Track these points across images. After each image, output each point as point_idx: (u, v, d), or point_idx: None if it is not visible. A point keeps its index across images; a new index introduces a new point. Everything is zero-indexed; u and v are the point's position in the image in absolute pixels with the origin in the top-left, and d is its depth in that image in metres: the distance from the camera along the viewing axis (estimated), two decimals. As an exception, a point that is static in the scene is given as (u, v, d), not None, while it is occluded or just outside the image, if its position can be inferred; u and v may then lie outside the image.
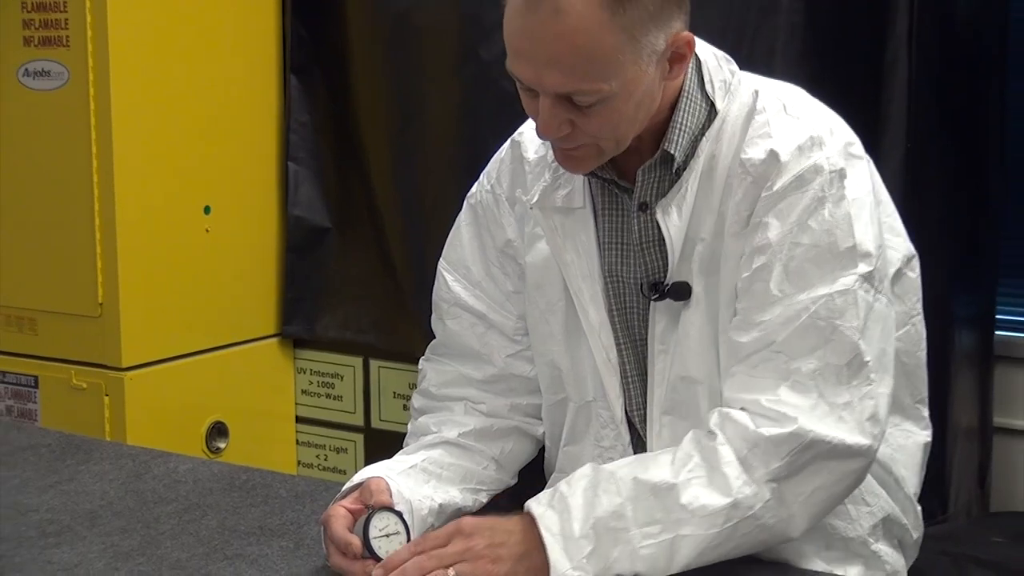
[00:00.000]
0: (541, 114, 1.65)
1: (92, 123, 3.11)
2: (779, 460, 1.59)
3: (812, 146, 1.68)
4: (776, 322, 1.64)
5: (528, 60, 1.62)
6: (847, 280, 1.64)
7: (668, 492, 1.59)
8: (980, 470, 3.24)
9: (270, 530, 1.86)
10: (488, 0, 3.14)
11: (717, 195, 1.71)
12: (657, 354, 1.77)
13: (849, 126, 1.79)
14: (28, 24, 3.15)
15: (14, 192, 3.24)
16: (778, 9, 2.87)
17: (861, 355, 1.63)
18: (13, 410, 3.30)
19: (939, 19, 2.97)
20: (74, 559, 1.77)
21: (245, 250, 3.47)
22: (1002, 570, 2.67)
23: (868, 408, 1.63)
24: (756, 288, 1.67)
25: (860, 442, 1.62)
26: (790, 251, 1.65)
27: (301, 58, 3.48)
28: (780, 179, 1.67)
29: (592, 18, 1.58)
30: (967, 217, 3.15)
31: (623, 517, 1.58)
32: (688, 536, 1.58)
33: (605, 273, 1.81)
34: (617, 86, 1.63)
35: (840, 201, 1.66)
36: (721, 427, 1.63)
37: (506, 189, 1.91)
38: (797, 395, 1.61)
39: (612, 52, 1.60)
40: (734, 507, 1.58)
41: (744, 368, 1.66)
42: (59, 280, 3.21)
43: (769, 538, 1.62)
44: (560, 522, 1.58)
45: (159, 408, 3.25)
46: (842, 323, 1.63)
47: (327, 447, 3.61)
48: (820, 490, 1.62)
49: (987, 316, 3.24)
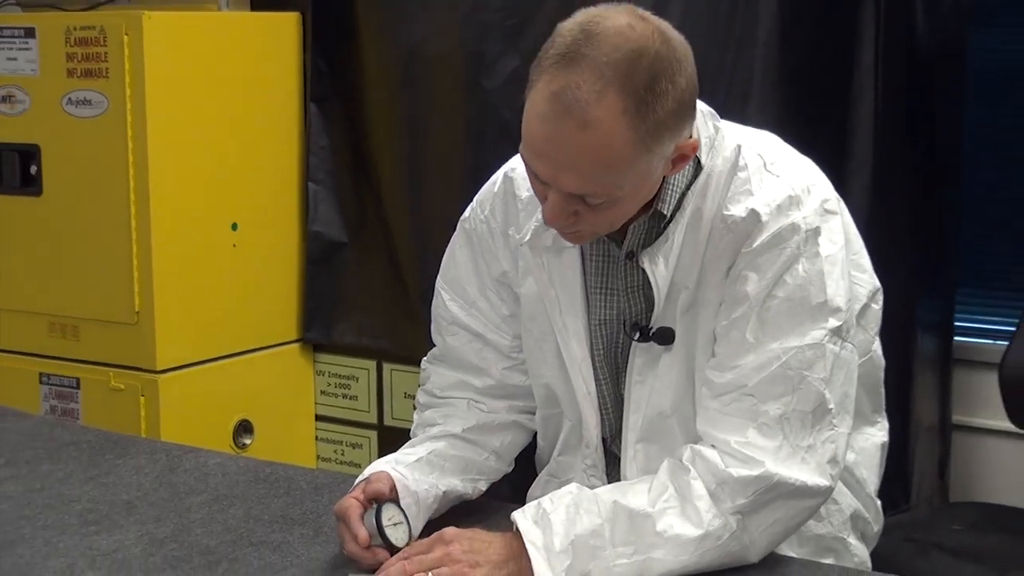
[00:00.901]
0: (551, 206, 1.61)
1: (129, 147, 3.11)
2: (745, 497, 1.60)
3: (790, 205, 1.67)
4: (749, 367, 1.64)
5: (549, 163, 1.57)
6: (817, 334, 1.64)
7: (644, 519, 1.60)
8: (940, 464, 3.24)
9: (292, 519, 1.86)
10: (489, 36, 3.18)
11: (701, 247, 1.69)
12: (634, 386, 1.77)
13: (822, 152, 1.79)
14: (71, 57, 3.16)
15: (58, 210, 3.24)
16: (755, 43, 2.87)
17: (826, 403, 1.64)
18: (57, 410, 3.30)
19: (901, 52, 2.98)
20: (112, 545, 1.77)
21: (269, 263, 3.47)
22: (961, 555, 2.67)
23: (829, 451, 1.64)
24: (733, 335, 1.67)
25: (819, 483, 1.63)
26: (766, 303, 1.65)
27: (320, 89, 3.48)
28: (759, 237, 1.65)
29: (617, 134, 1.53)
30: (928, 232, 3.15)
31: (600, 536, 1.59)
32: (659, 560, 1.59)
33: (589, 312, 1.79)
34: (628, 190, 1.60)
35: (814, 258, 1.65)
36: (693, 463, 1.63)
37: (500, 223, 1.87)
38: (764, 438, 1.62)
39: (630, 163, 1.56)
40: (704, 538, 1.60)
41: (718, 405, 1.66)
42: (99, 290, 3.21)
43: (730, 561, 1.63)
44: (543, 536, 1.58)
45: (190, 407, 3.25)
46: (810, 374, 1.63)
47: (344, 443, 3.61)
48: (779, 522, 1.63)
49: (947, 323, 3.24)
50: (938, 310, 3.21)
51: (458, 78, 3.26)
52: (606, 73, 1.51)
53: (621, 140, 1.53)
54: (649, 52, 1.54)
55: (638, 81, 1.52)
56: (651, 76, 1.53)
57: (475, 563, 1.57)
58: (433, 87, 3.30)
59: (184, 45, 3.19)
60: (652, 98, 1.53)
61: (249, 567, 1.69)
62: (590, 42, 1.53)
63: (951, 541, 2.74)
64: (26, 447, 2.22)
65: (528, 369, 1.89)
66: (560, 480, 1.88)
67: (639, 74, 1.52)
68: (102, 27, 3.12)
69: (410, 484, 1.74)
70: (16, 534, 1.82)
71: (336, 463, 3.61)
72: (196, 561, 1.71)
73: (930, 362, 3.19)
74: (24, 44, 3.23)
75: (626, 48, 1.53)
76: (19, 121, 3.26)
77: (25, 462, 2.14)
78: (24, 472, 2.09)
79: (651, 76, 1.53)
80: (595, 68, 1.52)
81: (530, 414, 1.94)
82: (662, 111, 1.54)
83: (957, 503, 3.20)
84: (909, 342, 3.09)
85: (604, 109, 1.52)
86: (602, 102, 1.51)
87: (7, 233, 3.33)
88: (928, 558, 2.62)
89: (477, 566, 1.57)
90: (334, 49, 3.45)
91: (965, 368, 3.27)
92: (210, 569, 1.69)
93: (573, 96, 1.52)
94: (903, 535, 2.70)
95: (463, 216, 1.93)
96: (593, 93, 1.51)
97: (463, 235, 1.92)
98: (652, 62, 1.53)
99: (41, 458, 2.16)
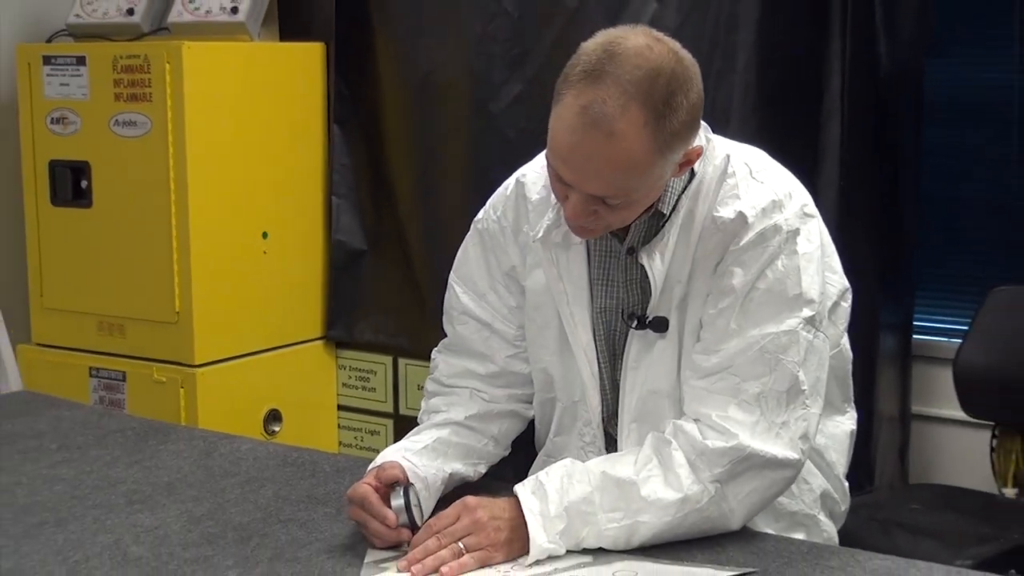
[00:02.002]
0: (574, 206, 1.62)
1: (170, 164, 3.11)
2: (721, 467, 1.61)
3: (773, 208, 1.68)
4: (733, 350, 1.65)
5: (575, 170, 1.58)
6: (792, 322, 1.65)
7: (631, 486, 1.61)
8: (901, 450, 3.24)
9: (316, 499, 1.86)
10: (495, 65, 3.19)
11: (693, 244, 1.70)
12: (629, 370, 1.77)
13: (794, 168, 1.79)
14: (118, 83, 3.16)
15: (107, 221, 3.24)
16: (734, 71, 2.87)
17: (799, 384, 1.64)
18: (105, 400, 3.30)
19: (866, 79, 2.98)
20: (155, 522, 1.77)
21: (296, 268, 3.47)
22: (919, 532, 2.66)
23: (801, 428, 1.65)
24: (719, 323, 1.67)
25: (790, 456, 1.63)
26: (749, 295, 1.66)
27: (342, 112, 3.48)
28: (746, 236, 1.66)
29: (640, 145, 1.55)
30: (890, 241, 3.15)
31: (592, 503, 1.60)
32: (645, 523, 1.60)
33: (593, 302, 1.79)
34: (643, 192, 1.62)
35: (792, 255, 1.66)
36: (675, 436, 1.65)
37: (511, 223, 1.87)
38: (743, 413, 1.63)
39: (648, 169, 1.58)
40: (684, 501, 1.60)
41: (704, 384, 1.67)
42: (143, 293, 3.21)
43: (712, 528, 1.64)
44: (540, 504, 1.59)
45: (224, 398, 3.25)
46: (785, 357, 1.64)
47: (363, 430, 3.61)
48: (755, 492, 1.64)
49: (906, 323, 3.24)
50: (899, 311, 3.21)
51: (466, 102, 3.26)
52: (629, 89, 1.53)
53: (642, 149, 1.55)
54: (666, 70, 1.56)
55: (657, 96, 1.54)
56: (668, 92, 1.55)
57: (498, 528, 1.59)
58: (444, 110, 3.31)
59: (219, 72, 3.20)
60: (669, 111, 1.55)
61: (278, 542, 1.69)
62: (613, 61, 1.55)
63: (910, 519, 2.74)
64: (77, 434, 2.22)
65: (529, 355, 1.89)
66: (557, 459, 1.87)
67: (658, 90, 1.55)
68: (146, 56, 3.12)
69: (419, 471, 1.74)
70: (68, 512, 1.82)
71: (356, 448, 3.61)
72: (230, 536, 1.71)
73: (891, 358, 3.18)
74: (76, 71, 3.23)
75: (646, 67, 1.55)
76: (71, 140, 3.26)
77: (76, 447, 2.14)
78: (76, 456, 2.09)
79: (668, 92, 1.55)
80: (619, 84, 1.54)
81: (527, 403, 1.94)
82: (677, 122, 1.57)
83: (916, 485, 3.20)
84: (873, 340, 3.09)
85: (627, 121, 1.53)
86: (626, 115, 1.53)
87: (61, 241, 3.33)
88: (890, 535, 2.62)
89: (500, 530, 1.59)
90: (355, 76, 3.45)
91: (923, 364, 3.27)
92: (243, 544, 1.69)
93: (600, 109, 1.54)
94: (867, 514, 2.70)
95: (476, 218, 1.93)
96: (618, 107, 1.53)
97: (476, 234, 1.92)
98: (669, 79, 1.56)
99: (91, 444, 2.16)
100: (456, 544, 1.58)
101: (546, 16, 3.09)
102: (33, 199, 3.34)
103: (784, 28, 2.90)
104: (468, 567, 1.56)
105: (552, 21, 3.07)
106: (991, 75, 3.22)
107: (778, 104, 2.91)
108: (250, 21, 3.28)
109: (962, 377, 3.01)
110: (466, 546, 1.58)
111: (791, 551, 1.63)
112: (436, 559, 1.56)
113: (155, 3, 3.35)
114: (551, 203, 1.78)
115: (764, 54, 2.89)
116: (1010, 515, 2.78)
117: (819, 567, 1.58)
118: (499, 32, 3.17)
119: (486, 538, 1.58)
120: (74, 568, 1.61)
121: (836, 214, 2.87)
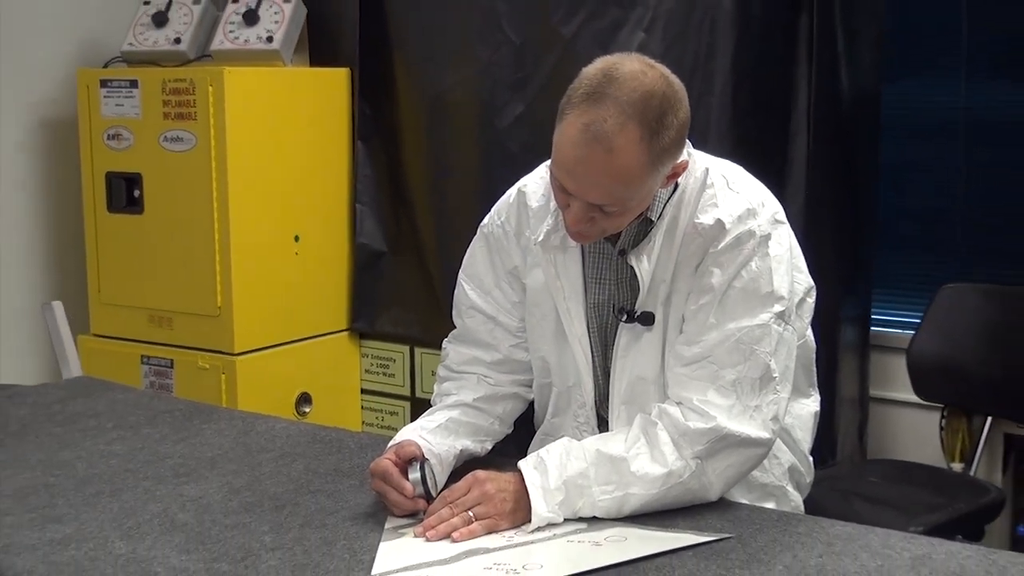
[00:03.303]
0: (574, 213, 1.62)
1: (213, 176, 3.11)
2: (701, 445, 1.61)
3: (748, 216, 1.68)
4: (711, 342, 1.65)
5: (577, 180, 1.58)
6: (764, 316, 1.65)
7: (621, 462, 1.61)
8: (860, 429, 3.23)
9: (342, 472, 1.86)
10: (499, 87, 3.18)
11: (676, 247, 1.70)
12: (619, 359, 1.76)
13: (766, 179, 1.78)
14: (167, 103, 3.16)
15: (156, 225, 3.24)
16: (713, 93, 2.87)
17: (771, 372, 1.64)
18: (155, 384, 3.30)
19: (829, 101, 2.98)
20: (199, 493, 1.77)
21: (324, 267, 3.46)
22: (876, 501, 2.66)
23: (772, 411, 1.65)
24: (699, 317, 1.67)
25: (762, 436, 1.64)
26: (726, 292, 1.66)
27: (365, 129, 3.48)
28: (723, 240, 1.66)
29: (635, 159, 1.55)
30: (850, 244, 3.15)
31: (587, 477, 1.60)
32: (634, 494, 1.60)
33: (587, 298, 1.79)
34: (636, 201, 1.62)
35: (765, 257, 1.66)
36: (660, 417, 1.65)
37: (513, 227, 1.87)
38: (721, 397, 1.63)
39: (642, 181, 1.58)
40: (668, 475, 1.61)
41: (686, 371, 1.67)
42: (188, 289, 3.21)
43: (693, 498, 1.64)
44: (541, 479, 1.60)
45: (261, 383, 3.25)
46: (759, 348, 1.64)
47: (383, 411, 3.61)
48: (731, 467, 1.64)
49: (865, 316, 3.24)
50: (858, 306, 3.21)
51: (474, 120, 3.26)
52: (626, 109, 1.53)
53: (637, 163, 1.55)
54: (658, 93, 1.56)
55: (651, 116, 1.55)
56: (661, 112, 1.55)
57: (504, 499, 1.59)
58: (455, 128, 3.30)
59: (257, 94, 3.19)
60: (661, 129, 1.56)
61: (308, 510, 1.69)
62: (612, 84, 1.55)
63: (868, 491, 2.74)
64: (130, 414, 2.22)
65: (529, 345, 1.89)
66: (553, 437, 1.87)
67: (652, 110, 1.55)
68: (191, 80, 3.12)
69: (433, 447, 1.74)
70: (122, 484, 1.83)
71: (377, 427, 3.61)
72: (266, 505, 1.71)
73: (852, 348, 3.18)
74: (129, 93, 3.23)
75: (641, 90, 1.55)
76: (125, 154, 3.26)
77: (129, 426, 2.14)
78: (129, 434, 2.09)
79: (661, 112, 1.55)
80: (617, 105, 1.54)
81: (528, 387, 1.93)
82: (668, 139, 1.57)
83: (873, 460, 3.20)
84: (835, 332, 3.08)
85: (625, 138, 1.53)
86: (623, 132, 1.53)
87: (116, 244, 3.33)
88: (850, 504, 2.62)
89: (506, 501, 1.59)
90: (376, 97, 3.45)
91: (880, 352, 3.27)
92: (277, 512, 1.69)
93: (600, 127, 1.54)
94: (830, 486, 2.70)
95: (482, 223, 1.92)
96: (617, 125, 1.53)
97: (482, 238, 1.91)
98: (661, 101, 1.56)
99: (142, 423, 2.16)
100: (466, 512, 1.58)
101: (545, 45, 3.08)
102: (92, 207, 3.34)
103: (756, 56, 2.89)
104: (477, 533, 1.56)
105: (550, 49, 3.07)
106: (940, 97, 3.23)
107: (751, 122, 2.91)
108: (284, 49, 3.28)
109: (914, 364, 3.02)
110: (475, 515, 1.58)
111: (763, 519, 1.63)
112: (448, 526, 1.57)
113: (200, 33, 3.35)
114: (550, 210, 1.78)
115: (739, 79, 2.88)
116: (957, 487, 2.78)
117: (787, 533, 1.58)
118: (503, 59, 3.17)
119: (493, 508, 1.59)
120: (127, 533, 1.62)
121: (803, 220, 2.86)
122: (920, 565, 1.46)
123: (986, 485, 2.81)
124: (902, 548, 1.52)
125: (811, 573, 1.45)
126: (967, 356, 2.94)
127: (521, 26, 3.13)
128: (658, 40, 2.90)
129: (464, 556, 1.51)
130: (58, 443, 2.04)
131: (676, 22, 2.88)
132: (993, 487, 2.79)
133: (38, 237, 3.48)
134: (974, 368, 2.93)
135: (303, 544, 1.56)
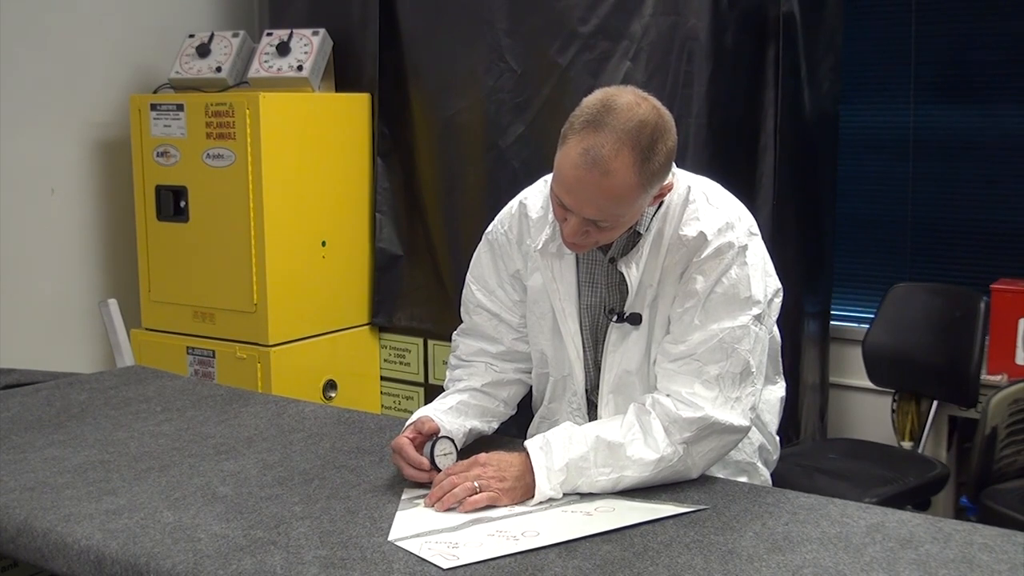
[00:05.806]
0: (571, 227, 1.61)
1: (250, 188, 3.10)
2: (690, 432, 1.61)
3: (727, 228, 1.67)
4: (696, 341, 1.65)
5: (575, 197, 1.57)
6: (744, 319, 1.64)
7: (618, 447, 1.61)
8: (821, 411, 3.23)
9: (363, 450, 1.86)
10: (503, 110, 3.17)
11: (661, 256, 1.69)
12: (608, 354, 1.76)
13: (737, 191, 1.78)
14: (209, 124, 3.15)
15: (200, 232, 3.24)
16: (690, 115, 2.87)
17: (749, 367, 1.64)
18: (199, 373, 3.30)
19: (793, 121, 2.98)
20: (237, 468, 1.77)
21: (348, 269, 3.45)
22: (836, 476, 2.66)
23: (750, 402, 1.65)
24: (685, 319, 1.67)
25: (742, 424, 1.64)
26: (709, 297, 1.65)
27: (384, 147, 3.47)
28: (705, 250, 1.66)
29: (628, 180, 1.54)
30: (812, 247, 3.15)
31: (587, 459, 1.60)
32: (628, 476, 1.60)
33: (580, 299, 1.78)
34: (628, 217, 1.61)
35: (743, 266, 1.66)
36: (653, 407, 1.64)
37: (515, 235, 1.86)
38: (706, 390, 1.63)
39: (634, 200, 1.58)
40: (660, 460, 1.61)
41: (673, 367, 1.66)
42: (228, 288, 3.20)
43: (677, 477, 1.64)
44: (546, 459, 1.60)
45: (292, 371, 3.24)
46: (739, 346, 1.63)
47: (400, 396, 3.60)
48: (713, 450, 1.64)
49: (825, 312, 3.24)
50: (820, 303, 3.21)
51: (481, 140, 3.25)
52: (622, 136, 1.53)
53: (630, 184, 1.55)
54: (651, 122, 1.56)
55: (644, 143, 1.54)
56: (652, 139, 1.55)
57: (502, 477, 1.59)
58: (463, 146, 3.30)
59: (288, 116, 3.18)
60: (652, 155, 1.55)
61: (333, 483, 1.69)
62: (610, 114, 1.55)
63: (828, 466, 2.74)
64: (177, 399, 2.22)
65: (529, 339, 1.88)
66: (550, 421, 1.88)
67: (644, 138, 1.54)
68: (231, 103, 3.11)
69: (446, 425, 1.74)
70: (169, 460, 1.82)
71: (395, 410, 3.61)
72: (296, 479, 1.71)
73: (814, 339, 3.18)
74: (176, 115, 3.23)
75: (636, 120, 1.54)
76: (172, 169, 3.26)
77: (176, 409, 2.14)
78: (175, 417, 2.09)
79: (652, 139, 1.55)
80: (614, 132, 1.53)
81: (529, 374, 1.93)
82: (657, 164, 1.56)
83: (832, 439, 3.20)
84: (799, 325, 3.08)
85: (620, 162, 1.53)
86: (619, 157, 1.53)
87: (165, 249, 3.32)
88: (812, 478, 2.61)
89: (504, 479, 1.58)
90: (393, 119, 3.45)
91: (839, 344, 3.27)
92: (306, 484, 1.69)
93: (598, 152, 1.53)
94: (794, 462, 2.70)
95: (487, 230, 1.92)
96: (613, 151, 1.53)
97: (487, 244, 1.91)
98: (653, 130, 1.56)
99: (187, 407, 2.16)
100: (469, 483, 1.57)
101: (543, 72, 3.08)
102: (143, 215, 3.34)
103: (729, 83, 2.89)
104: (480, 503, 1.56)
105: (548, 76, 3.06)
106: (890, 118, 3.24)
107: (724, 141, 2.90)
108: (312, 76, 3.28)
109: (869, 354, 3.01)
110: (479, 488, 1.57)
111: (735, 491, 1.63)
112: (452, 496, 1.57)
113: (238, 62, 3.35)
114: (548, 220, 1.77)
115: (713, 103, 2.88)
116: (907, 463, 2.78)
117: (757, 503, 1.58)
118: (506, 85, 3.16)
119: (492, 485, 1.58)
120: (174, 504, 1.61)
121: (770, 226, 2.86)
122: (874, 532, 1.46)
123: (933, 461, 2.81)
124: (859, 517, 1.52)
125: (778, 539, 1.45)
126: (915, 347, 2.94)
127: (522, 57, 3.13)
128: (642, 69, 2.90)
129: (470, 524, 1.51)
130: (113, 425, 2.04)
131: (658, 53, 2.87)
132: (939, 463, 2.79)
133: (96, 242, 3.48)
134: (922, 357, 2.93)
135: (329, 513, 1.56)
